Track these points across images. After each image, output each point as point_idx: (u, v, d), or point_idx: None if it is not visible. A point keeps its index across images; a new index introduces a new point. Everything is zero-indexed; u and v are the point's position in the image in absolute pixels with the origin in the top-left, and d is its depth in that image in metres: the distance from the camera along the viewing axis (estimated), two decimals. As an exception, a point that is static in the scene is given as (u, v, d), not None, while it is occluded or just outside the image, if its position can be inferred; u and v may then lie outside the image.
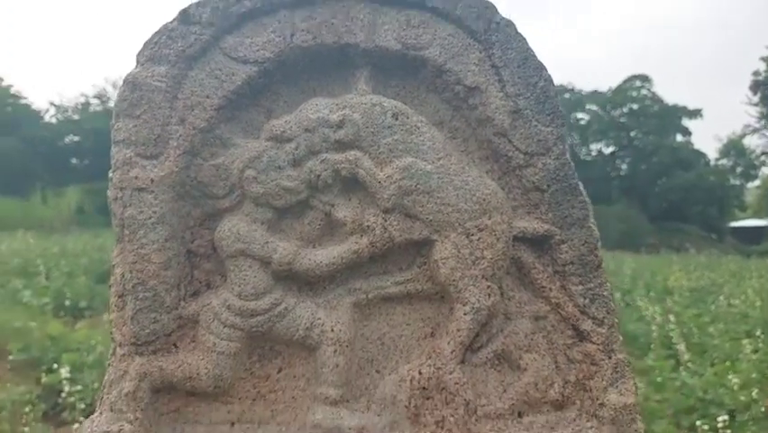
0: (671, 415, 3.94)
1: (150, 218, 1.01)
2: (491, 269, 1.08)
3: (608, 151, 40.04)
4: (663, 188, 37.38)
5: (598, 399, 1.06)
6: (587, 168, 38.72)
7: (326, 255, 1.07)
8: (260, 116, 1.09)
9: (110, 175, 1.04)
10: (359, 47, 1.07)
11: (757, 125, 30.06)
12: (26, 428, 3.73)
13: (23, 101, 36.26)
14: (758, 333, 6.80)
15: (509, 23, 1.10)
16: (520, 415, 1.09)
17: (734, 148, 39.27)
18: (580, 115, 39.70)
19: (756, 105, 28.69)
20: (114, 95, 38.47)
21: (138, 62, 1.03)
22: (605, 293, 1.09)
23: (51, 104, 38.43)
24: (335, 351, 1.06)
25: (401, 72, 1.12)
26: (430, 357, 1.08)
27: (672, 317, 7.42)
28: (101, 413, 1.02)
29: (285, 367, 1.09)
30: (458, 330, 1.07)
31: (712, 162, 39.68)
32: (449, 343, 1.07)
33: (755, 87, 27.82)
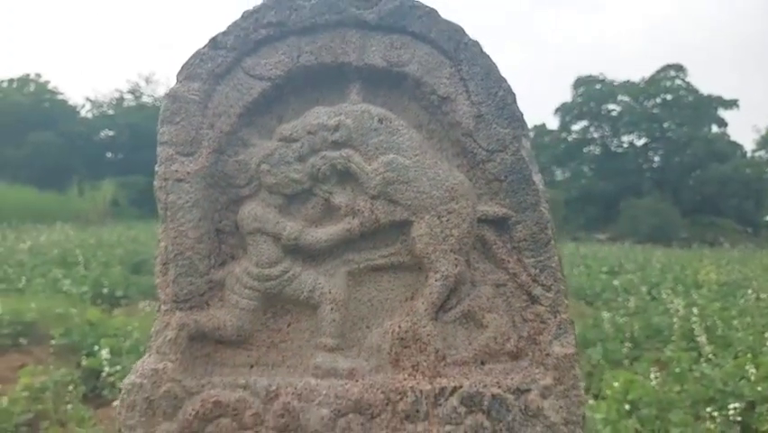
0: (688, 406, 3.95)
1: (187, 203, 1.29)
2: (458, 244, 1.32)
3: (639, 143, 39.05)
4: (697, 180, 36.30)
5: (545, 350, 1.30)
6: (618, 160, 38.02)
7: (325, 233, 1.33)
8: (272, 121, 1.36)
9: (156, 169, 1.33)
10: (352, 65, 1.33)
11: (797, 116, 28.97)
12: (69, 406, 3.97)
13: (60, 96, 37.17)
14: None
15: (476, 44, 1.34)
16: (482, 363, 1.33)
17: (772, 139, 37.91)
18: (611, 107, 38.84)
19: (796, 94, 27.64)
20: (146, 90, 38.81)
21: (177, 80, 1.31)
22: (553, 265, 1.32)
23: (87, 99, 39.28)
24: (332, 309, 1.33)
25: (386, 85, 1.37)
26: (408, 315, 1.33)
27: (695, 310, 7.35)
28: (149, 355, 1.31)
29: (293, 322, 1.37)
30: (431, 293, 1.32)
31: (749, 154, 38.34)
32: (423, 303, 1.33)
33: (794, 76, 26.80)
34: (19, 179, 25.07)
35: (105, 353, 4.87)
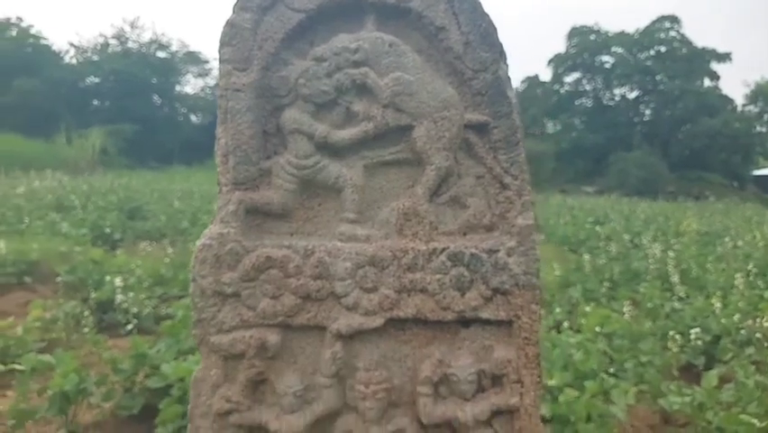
0: (658, 338, 4.28)
1: (242, 108, 1.68)
2: (449, 144, 1.73)
3: (631, 96, 39.08)
4: (687, 134, 36.58)
5: (511, 223, 1.73)
6: (609, 113, 38.11)
7: (347, 133, 1.74)
8: (306, 45, 1.73)
9: (218, 82, 1.71)
10: (368, 1, 1.70)
11: (788, 70, 29.00)
12: (85, 330, 4.16)
13: (43, 42, 36.07)
14: (750, 267, 7.14)
15: (465, -15, 1.71)
16: (464, 233, 1.77)
17: (762, 94, 38.08)
18: (604, 58, 38.59)
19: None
20: (131, 35, 37.59)
21: (233, 11, 1.67)
22: (520, 160, 1.73)
23: (71, 44, 38.15)
24: (353, 191, 1.74)
25: (395, 17, 1.72)
26: (410, 197, 1.75)
27: (671, 254, 7.75)
28: (215, 224, 1.73)
29: (323, 202, 1.78)
30: (427, 181, 1.74)
31: (739, 108, 38.56)
32: (421, 188, 1.74)
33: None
34: (4, 127, 24.75)
35: (117, 281, 5.19)
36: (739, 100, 40.12)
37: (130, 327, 4.55)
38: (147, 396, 3.06)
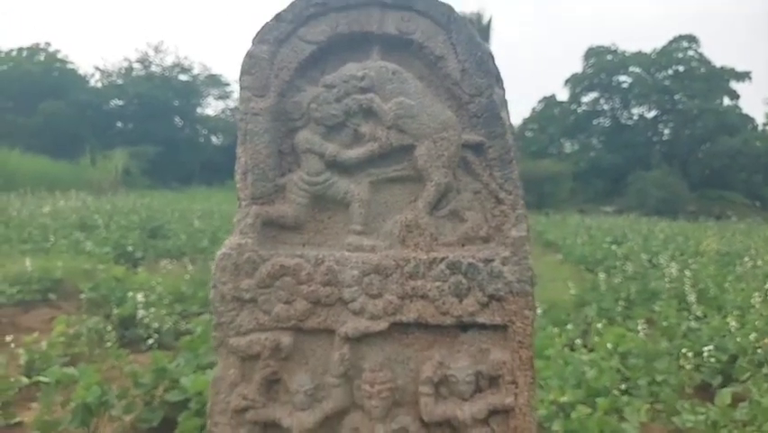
0: (674, 357, 4.21)
1: (260, 130, 1.86)
2: (448, 162, 1.88)
3: (650, 115, 38.85)
4: (707, 153, 36.15)
5: (506, 234, 1.87)
6: (627, 132, 37.92)
7: (355, 153, 1.90)
8: (318, 73, 1.91)
9: (238, 106, 1.90)
10: (374, 33, 1.87)
11: (809, 89, 28.65)
12: (108, 344, 4.18)
13: (70, 66, 37.32)
14: (766, 285, 7.01)
15: (462, 18, 1.88)
16: (462, 245, 1.90)
17: (784, 112, 37.49)
18: (622, 78, 38.58)
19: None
20: (155, 59, 38.58)
21: (253, 43, 1.87)
22: (513, 177, 1.88)
23: (96, 68, 39.36)
24: (359, 205, 1.90)
25: (398, 48, 1.89)
26: (412, 211, 1.90)
27: (687, 273, 7.63)
28: (234, 236, 1.90)
29: (333, 216, 1.94)
30: (427, 196, 1.89)
31: (760, 127, 38.05)
32: (422, 203, 1.89)
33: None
34: (31, 148, 25.52)
35: (139, 296, 5.34)
36: (760, 119, 39.61)
37: (151, 341, 4.70)
38: (166, 409, 3.14)
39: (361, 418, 1.85)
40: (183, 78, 39.96)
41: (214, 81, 41.48)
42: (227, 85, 41.60)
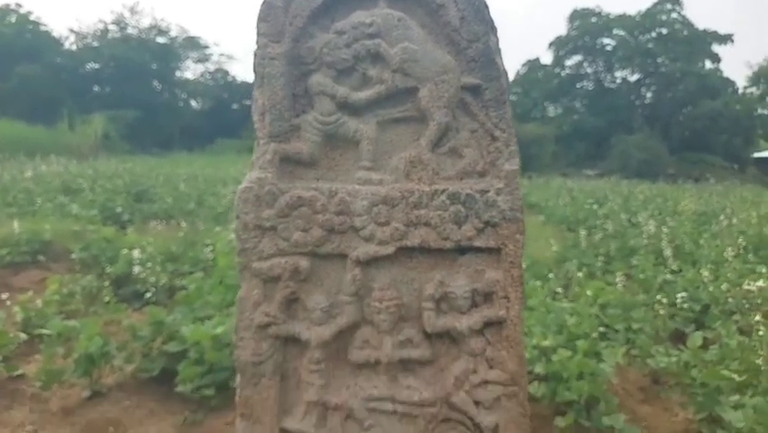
0: (650, 307, 4.38)
1: (276, 73, 2.03)
2: (448, 102, 2.07)
3: (632, 78, 39.11)
4: (688, 117, 36.65)
5: (499, 168, 2.09)
6: (610, 96, 38.17)
7: (364, 93, 2.08)
8: (329, 21, 2.07)
9: (255, 51, 2.06)
10: (381, -15, 2.04)
11: (790, 52, 28.96)
12: (106, 299, 4.27)
13: (43, 28, 36.07)
14: (740, 240, 7.37)
15: (461, -31, 2.05)
16: (461, 178, 2.12)
17: (764, 76, 38.04)
18: (606, 41, 38.59)
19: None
20: (131, 20, 37.40)
21: (269, -8, 2.02)
22: (507, 117, 2.08)
23: (71, 30, 38.11)
24: (368, 143, 2.10)
25: None
26: (415, 148, 2.11)
27: (665, 229, 7.96)
28: (253, 171, 2.09)
29: (344, 153, 2.13)
30: (429, 134, 2.09)
31: (741, 91, 38.55)
32: (424, 141, 2.09)
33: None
34: (6, 113, 24.92)
35: (136, 253, 5.41)
36: (741, 82, 40.03)
37: (149, 294, 4.81)
38: (165, 360, 3.25)
39: (371, 331, 2.10)
40: (161, 40, 38.92)
41: (193, 44, 40.48)
42: (206, 47, 40.66)
